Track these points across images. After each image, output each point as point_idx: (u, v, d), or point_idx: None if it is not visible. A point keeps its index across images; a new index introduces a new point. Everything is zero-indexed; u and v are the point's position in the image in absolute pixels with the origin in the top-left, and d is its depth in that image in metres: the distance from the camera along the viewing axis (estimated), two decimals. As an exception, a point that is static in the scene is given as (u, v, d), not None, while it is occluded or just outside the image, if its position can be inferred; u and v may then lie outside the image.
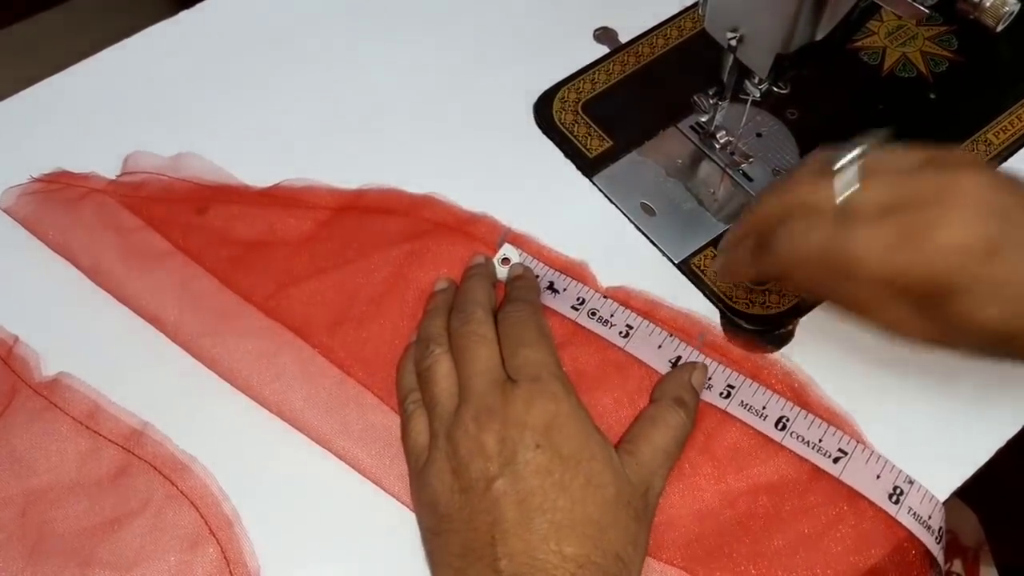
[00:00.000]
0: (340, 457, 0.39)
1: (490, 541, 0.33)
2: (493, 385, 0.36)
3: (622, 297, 0.42)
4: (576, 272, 0.43)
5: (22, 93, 0.50)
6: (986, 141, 0.47)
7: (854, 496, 0.37)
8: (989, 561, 0.70)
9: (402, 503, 0.38)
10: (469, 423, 0.35)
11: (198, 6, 0.53)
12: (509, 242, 0.44)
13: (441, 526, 0.35)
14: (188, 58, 0.51)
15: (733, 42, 0.40)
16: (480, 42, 0.52)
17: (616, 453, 0.36)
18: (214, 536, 0.37)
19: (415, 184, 0.46)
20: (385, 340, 0.41)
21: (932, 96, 0.49)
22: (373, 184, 0.46)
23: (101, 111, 0.49)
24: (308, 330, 0.41)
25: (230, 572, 0.36)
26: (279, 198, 0.45)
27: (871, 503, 0.37)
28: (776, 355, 0.41)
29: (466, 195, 0.45)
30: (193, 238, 0.44)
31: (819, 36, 0.38)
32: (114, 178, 0.46)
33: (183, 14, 0.53)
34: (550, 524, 0.33)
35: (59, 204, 0.45)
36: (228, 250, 0.43)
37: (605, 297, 0.42)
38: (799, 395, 0.40)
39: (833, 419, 0.39)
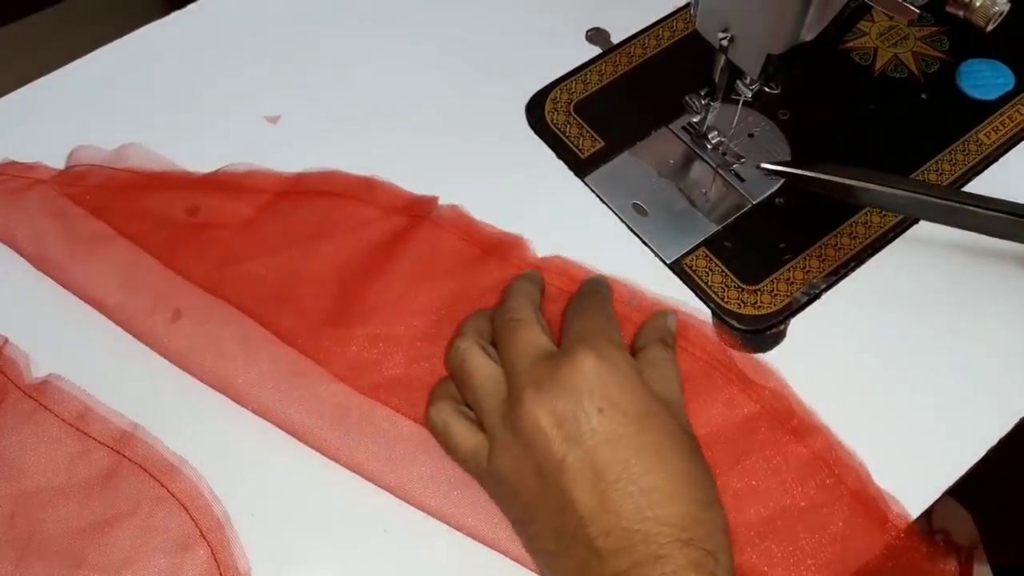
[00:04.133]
0: (291, 431, 0.39)
1: (579, 522, 0.31)
2: (538, 360, 0.33)
3: (560, 265, 0.43)
4: (553, 264, 0.43)
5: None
6: (977, 141, 0.47)
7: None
8: (983, 560, 0.70)
9: (362, 479, 0.38)
10: (521, 405, 0.32)
11: (188, 7, 0.53)
12: None
13: (528, 515, 0.33)
14: (181, 58, 0.51)
15: (724, 42, 0.40)
16: (472, 43, 0.52)
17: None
18: (204, 538, 0.37)
19: (406, 184, 0.46)
20: (330, 313, 0.41)
21: (924, 96, 0.49)
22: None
23: (97, 108, 0.49)
24: (251, 307, 0.41)
25: (220, 574, 0.36)
26: (220, 183, 0.46)
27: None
28: (757, 357, 0.41)
29: (458, 195, 0.45)
30: (135, 223, 0.44)
31: (810, 36, 0.38)
32: (59, 170, 0.46)
33: (175, 14, 0.53)
34: (639, 491, 0.30)
35: (3, 195, 0.45)
36: (169, 232, 0.44)
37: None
38: (773, 403, 0.39)
39: (807, 431, 0.39)
